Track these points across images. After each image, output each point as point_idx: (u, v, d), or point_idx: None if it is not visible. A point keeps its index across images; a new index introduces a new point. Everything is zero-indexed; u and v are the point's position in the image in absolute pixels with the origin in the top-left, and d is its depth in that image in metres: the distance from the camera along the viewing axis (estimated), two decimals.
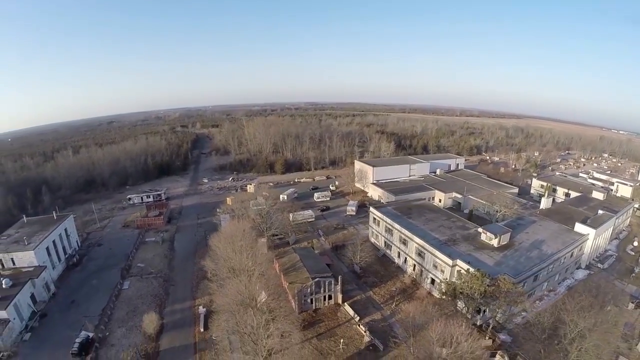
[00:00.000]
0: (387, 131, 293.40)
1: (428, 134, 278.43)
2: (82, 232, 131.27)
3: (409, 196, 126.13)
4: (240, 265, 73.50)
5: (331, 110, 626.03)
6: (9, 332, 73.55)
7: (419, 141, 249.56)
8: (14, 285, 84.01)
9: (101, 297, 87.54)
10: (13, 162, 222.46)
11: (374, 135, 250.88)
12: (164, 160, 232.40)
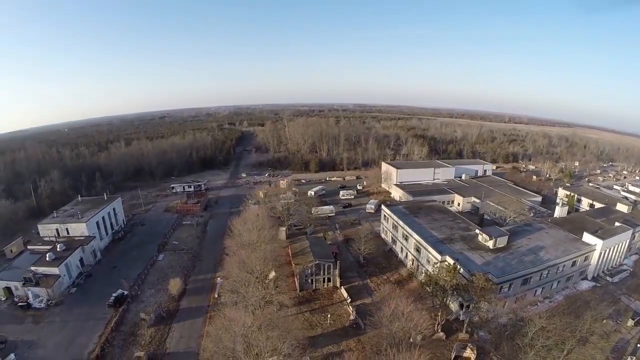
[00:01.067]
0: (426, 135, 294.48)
1: (468, 139, 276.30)
2: (129, 213, 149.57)
3: (427, 198, 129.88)
4: (249, 240, 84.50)
5: (378, 112, 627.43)
6: (59, 285, 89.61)
7: (455, 146, 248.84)
8: (67, 250, 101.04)
9: (138, 265, 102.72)
10: (70, 151, 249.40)
11: (409, 139, 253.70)
12: (208, 154, 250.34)
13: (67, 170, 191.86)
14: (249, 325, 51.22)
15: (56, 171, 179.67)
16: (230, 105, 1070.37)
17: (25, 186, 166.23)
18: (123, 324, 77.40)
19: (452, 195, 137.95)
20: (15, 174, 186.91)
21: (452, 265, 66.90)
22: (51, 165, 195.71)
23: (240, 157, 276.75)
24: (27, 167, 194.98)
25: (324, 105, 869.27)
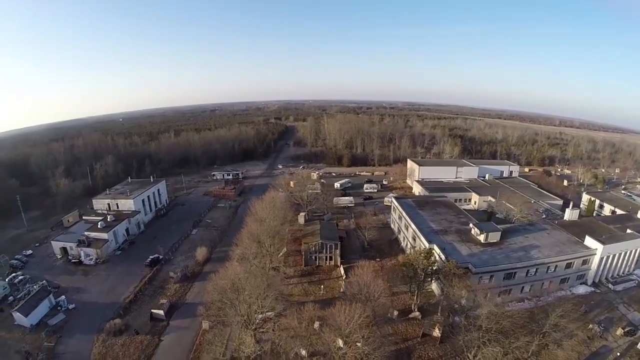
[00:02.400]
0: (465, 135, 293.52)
1: (507, 141, 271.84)
2: (172, 195, 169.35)
3: (443, 194, 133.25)
4: (262, 216, 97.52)
5: (426, 111, 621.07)
6: (106, 247, 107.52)
7: (490, 147, 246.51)
8: (115, 220, 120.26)
9: (174, 237, 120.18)
10: (124, 139, 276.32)
11: (443, 138, 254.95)
12: (250, 147, 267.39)
13: (120, 156, 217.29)
14: (238, 273, 65.88)
15: (110, 156, 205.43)
16: (280, 100, 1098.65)
17: (82, 168, 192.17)
18: (155, 279, 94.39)
19: (469, 193, 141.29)
20: (74, 157, 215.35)
21: (426, 250, 74.00)
22: (106, 151, 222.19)
23: (280, 150, 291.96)
24: (84, 152, 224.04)
25: (373, 103, 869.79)
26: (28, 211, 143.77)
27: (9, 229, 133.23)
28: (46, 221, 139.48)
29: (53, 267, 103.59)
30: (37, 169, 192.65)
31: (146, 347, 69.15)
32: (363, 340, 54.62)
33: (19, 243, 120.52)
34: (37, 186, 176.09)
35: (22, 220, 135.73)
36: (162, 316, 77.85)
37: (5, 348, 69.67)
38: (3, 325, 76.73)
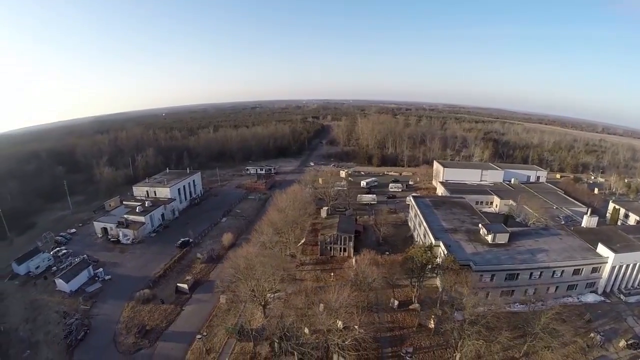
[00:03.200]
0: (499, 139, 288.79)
1: (543, 146, 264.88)
2: (206, 186, 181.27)
3: (464, 195, 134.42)
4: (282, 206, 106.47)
5: (466, 114, 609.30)
6: (143, 229, 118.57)
7: (523, 152, 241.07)
8: (152, 206, 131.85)
9: (205, 224, 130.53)
10: (165, 133, 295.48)
11: (475, 141, 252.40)
12: (284, 144, 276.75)
13: (161, 149, 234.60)
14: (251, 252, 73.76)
15: (151, 149, 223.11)
16: (320, 99, 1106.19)
17: (124, 159, 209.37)
18: (183, 259, 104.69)
19: (491, 196, 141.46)
20: (117, 149, 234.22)
21: (426, 245, 77.78)
22: (147, 144, 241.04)
23: (314, 148, 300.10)
24: (127, 144, 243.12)
25: (413, 104, 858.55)
26: (73, 196, 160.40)
27: (56, 211, 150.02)
28: (89, 205, 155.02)
29: (94, 244, 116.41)
30: (82, 158, 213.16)
31: (169, 314, 78.67)
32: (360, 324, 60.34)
33: (64, 223, 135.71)
34: (82, 174, 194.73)
35: (67, 203, 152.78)
36: (186, 290, 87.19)
37: (46, 309, 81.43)
38: (46, 290, 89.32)
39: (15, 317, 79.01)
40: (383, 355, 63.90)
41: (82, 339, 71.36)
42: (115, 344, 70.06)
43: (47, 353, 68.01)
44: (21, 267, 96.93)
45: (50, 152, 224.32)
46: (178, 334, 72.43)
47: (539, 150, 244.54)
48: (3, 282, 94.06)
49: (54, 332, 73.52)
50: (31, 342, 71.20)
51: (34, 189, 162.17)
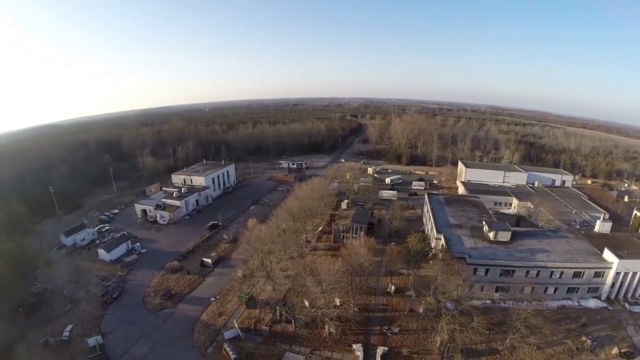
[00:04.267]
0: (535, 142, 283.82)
1: (579, 151, 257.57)
2: (240, 177, 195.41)
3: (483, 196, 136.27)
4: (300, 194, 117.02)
5: (508, 116, 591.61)
6: (178, 212, 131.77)
7: (555, 156, 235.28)
8: (188, 192, 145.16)
9: (235, 210, 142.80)
10: (205, 127, 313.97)
11: (507, 143, 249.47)
12: (318, 141, 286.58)
13: (201, 142, 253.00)
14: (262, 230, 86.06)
15: (191, 141, 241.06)
16: (362, 98, 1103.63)
17: (166, 150, 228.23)
18: (211, 239, 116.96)
19: (510, 198, 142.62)
20: (160, 140, 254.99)
21: (420, 235, 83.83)
22: (188, 137, 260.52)
23: (348, 145, 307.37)
24: (169, 136, 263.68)
25: (455, 105, 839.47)
26: (118, 181, 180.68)
27: (101, 194, 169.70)
28: (132, 190, 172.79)
29: (134, 223, 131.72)
30: (127, 148, 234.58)
31: (192, 283, 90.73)
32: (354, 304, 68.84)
33: (108, 204, 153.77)
34: (127, 162, 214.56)
35: (112, 188, 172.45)
36: (209, 264, 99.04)
37: (87, 273, 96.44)
38: (89, 258, 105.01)
39: (60, 279, 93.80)
40: (370, 331, 70.89)
41: (116, 297, 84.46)
42: (143, 304, 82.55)
43: (85, 307, 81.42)
44: (68, 239, 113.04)
45: (98, 141, 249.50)
46: (197, 299, 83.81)
47: (573, 155, 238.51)
48: (52, 251, 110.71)
49: (93, 291, 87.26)
50: (72, 298, 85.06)
51: (82, 174, 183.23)
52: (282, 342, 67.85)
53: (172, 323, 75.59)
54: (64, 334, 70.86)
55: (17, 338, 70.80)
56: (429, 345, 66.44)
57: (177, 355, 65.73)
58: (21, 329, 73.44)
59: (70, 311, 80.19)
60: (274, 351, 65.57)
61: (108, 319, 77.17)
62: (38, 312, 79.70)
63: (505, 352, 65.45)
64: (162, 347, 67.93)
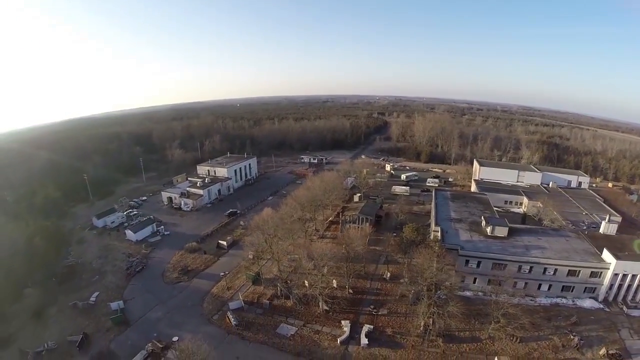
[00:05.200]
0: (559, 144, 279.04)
1: (606, 153, 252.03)
2: (262, 170, 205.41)
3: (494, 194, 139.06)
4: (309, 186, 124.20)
5: (539, 117, 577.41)
6: (201, 200, 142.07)
7: (576, 158, 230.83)
8: (211, 182, 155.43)
9: (253, 200, 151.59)
10: (233, 122, 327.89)
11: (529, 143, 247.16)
12: (341, 137, 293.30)
13: (227, 136, 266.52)
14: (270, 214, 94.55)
15: (218, 136, 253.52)
16: (392, 96, 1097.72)
17: (194, 143, 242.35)
18: (229, 225, 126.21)
19: (521, 197, 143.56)
20: (188, 134, 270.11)
21: (414, 226, 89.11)
22: (216, 131, 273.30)
23: (370, 143, 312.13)
24: (197, 130, 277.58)
25: (484, 104, 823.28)
26: (147, 172, 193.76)
27: (131, 183, 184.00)
28: (160, 180, 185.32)
29: (160, 209, 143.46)
30: (157, 141, 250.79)
31: (207, 261, 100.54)
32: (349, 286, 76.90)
33: (138, 192, 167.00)
34: (157, 154, 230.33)
35: (142, 177, 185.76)
36: (224, 246, 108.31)
37: (115, 251, 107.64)
38: (117, 238, 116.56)
39: (90, 255, 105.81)
40: (361, 311, 77.26)
41: (139, 271, 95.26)
42: (162, 277, 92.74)
43: (111, 278, 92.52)
44: (99, 221, 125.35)
45: (130, 134, 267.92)
46: (210, 275, 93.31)
47: (596, 157, 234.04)
48: (84, 231, 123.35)
49: (119, 265, 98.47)
50: (100, 271, 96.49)
51: (114, 164, 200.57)
52: (280, 315, 75.74)
53: (185, 294, 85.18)
54: (90, 299, 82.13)
55: (50, 302, 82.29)
56: (413, 328, 71.25)
57: (187, 320, 74.83)
58: (54, 295, 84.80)
59: (97, 281, 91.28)
60: (271, 322, 73.49)
61: (130, 289, 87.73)
62: (69, 282, 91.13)
63: (487, 341, 67.99)
64: (174, 314, 77.33)
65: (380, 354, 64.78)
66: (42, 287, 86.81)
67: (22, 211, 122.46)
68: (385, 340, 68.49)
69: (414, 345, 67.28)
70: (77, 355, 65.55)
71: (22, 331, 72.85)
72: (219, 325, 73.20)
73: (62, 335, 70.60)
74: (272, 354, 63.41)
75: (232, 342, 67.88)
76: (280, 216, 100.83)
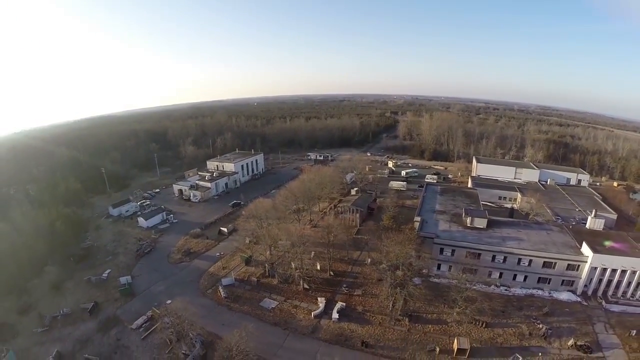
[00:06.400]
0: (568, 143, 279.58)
1: (616, 153, 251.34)
2: (269, 166, 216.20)
3: (488, 190, 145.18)
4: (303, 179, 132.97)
5: (556, 117, 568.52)
6: (208, 193, 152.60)
7: (582, 157, 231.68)
8: (219, 176, 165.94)
9: (257, 193, 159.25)
10: (245, 120, 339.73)
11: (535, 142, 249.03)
12: (349, 135, 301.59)
13: (239, 134, 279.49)
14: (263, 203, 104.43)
15: (230, 133, 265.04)
16: (409, 95, 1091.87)
17: (207, 140, 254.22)
18: (231, 214, 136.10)
19: (515, 193, 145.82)
20: (202, 131, 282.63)
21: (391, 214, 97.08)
22: (228, 129, 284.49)
23: (377, 141, 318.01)
24: (210, 128, 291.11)
25: (502, 104, 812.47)
26: (162, 167, 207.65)
27: (146, 177, 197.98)
28: (173, 174, 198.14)
29: (171, 200, 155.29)
30: (172, 138, 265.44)
31: (208, 245, 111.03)
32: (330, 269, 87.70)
33: (152, 185, 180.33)
34: (171, 151, 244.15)
35: (156, 172, 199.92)
36: (225, 232, 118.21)
37: (127, 236, 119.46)
38: (130, 225, 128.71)
39: (105, 239, 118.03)
40: (338, 291, 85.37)
41: (147, 253, 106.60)
42: (167, 258, 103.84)
43: (122, 258, 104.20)
44: (115, 210, 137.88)
45: (147, 131, 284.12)
46: (210, 257, 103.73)
47: (603, 157, 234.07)
48: (101, 219, 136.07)
49: (130, 248, 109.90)
50: (113, 252, 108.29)
51: (131, 159, 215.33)
52: (265, 291, 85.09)
53: (186, 272, 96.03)
54: (102, 275, 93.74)
55: (67, 277, 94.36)
56: (382, 308, 77.90)
57: (184, 293, 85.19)
58: (71, 272, 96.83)
59: (110, 261, 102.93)
60: (256, 296, 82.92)
61: (138, 267, 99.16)
62: (85, 261, 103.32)
63: (453, 324, 72.07)
64: (174, 288, 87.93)
65: (348, 327, 72.45)
66: (61, 265, 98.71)
67: (45, 201, 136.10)
68: (355, 316, 76.09)
69: (381, 322, 74.47)
70: (88, 319, 76.54)
71: (41, 301, 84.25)
72: (211, 298, 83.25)
73: (76, 304, 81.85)
74: (253, 322, 71.76)
75: (221, 312, 77.66)
76: (274, 205, 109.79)
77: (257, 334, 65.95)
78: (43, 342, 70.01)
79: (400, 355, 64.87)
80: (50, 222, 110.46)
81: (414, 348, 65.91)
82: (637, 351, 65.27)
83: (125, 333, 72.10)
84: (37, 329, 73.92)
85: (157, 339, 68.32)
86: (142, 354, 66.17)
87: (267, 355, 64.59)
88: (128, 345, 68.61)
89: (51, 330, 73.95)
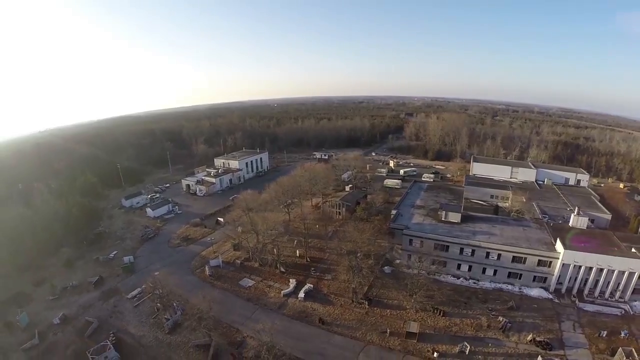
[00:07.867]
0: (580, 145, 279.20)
1: (629, 154, 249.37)
2: (275, 164, 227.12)
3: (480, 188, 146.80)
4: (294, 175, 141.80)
5: (576, 119, 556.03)
6: (213, 187, 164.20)
7: (589, 158, 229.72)
8: (224, 173, 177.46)
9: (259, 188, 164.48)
10: (257, 121, 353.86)
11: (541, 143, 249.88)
12: (357, 136, 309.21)
13: (250, 134, 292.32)
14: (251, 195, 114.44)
15: (240, 133, 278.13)
16: (429, 97, 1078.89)
17: (218, 140, 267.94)
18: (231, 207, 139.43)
19: (507, 192, 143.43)
20: (214, 131, 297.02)
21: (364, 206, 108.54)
22: (239, 129, 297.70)
23: (384, 141, 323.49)
24: (223, 128, 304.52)
25: (522, 106, 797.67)
26: (175, 164, 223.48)
27: (159, 173, 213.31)
28: (185, 171, 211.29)
29: (179, 194, 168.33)
30: (186, 137, 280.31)
31: (205, 233, 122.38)
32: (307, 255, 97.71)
33: (163, 180, 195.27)
34: (185, 149, 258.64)
35: (169, 169, 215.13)
36: (222, 222, 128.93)
37: (136, 224, 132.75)
38: (139, 215, 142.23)
39: (116, 226, 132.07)
40: (310, 275, 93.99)
41: (150, 238, 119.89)
42: (167, 243, 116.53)
43: (128, 242, 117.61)
44: (127, 202, 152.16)
45: (163, 131, 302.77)
46: (204, 242, 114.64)
47: (612, 158, 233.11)
48: (114, 209, 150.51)
49: (136, 234, 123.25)
50: (121, 237, 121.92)
51: (146, 156, 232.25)
52: (246, 272, 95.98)
53: (181, 255, 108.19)
54: (110, 255, 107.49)
55: (79, 257, 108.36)
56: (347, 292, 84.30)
57: (177, 271, 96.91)
58: (82, 253, 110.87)
59: (118, 244, 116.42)
60: (237, 276, 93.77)
61: (141, 250, 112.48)
62: (96, 244, 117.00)
63: (411, 310, 76.07)
64: (169, 267, 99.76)
65: (311, 306, 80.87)
66: (74, 247, 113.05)
67: (64, 192, 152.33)
68: (320, 297, 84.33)
69: (342, 304, 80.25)
70: (92, 290, 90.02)
71: (55, 275, 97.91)
72: (198, 276, 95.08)
73: (84, 278, 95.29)
74: (230, 297, 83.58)
75: (204, 287, 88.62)
76: (263, 198, 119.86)
77: (231, 306, 78.05)
78: (52, 308, 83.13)
79: (352, 334, 70.26)
80: (67, 209, 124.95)
81: (367, 328, 71.57)
82: (603, 352, 64.25)
83: (122, 301, 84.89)
84: (48, 297, 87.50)
85: (147, 307, 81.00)
86: (133, 318, 78.54)
87: (236, 324, 74.83)
88: (122, 311, 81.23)
89: (60, 298, 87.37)
